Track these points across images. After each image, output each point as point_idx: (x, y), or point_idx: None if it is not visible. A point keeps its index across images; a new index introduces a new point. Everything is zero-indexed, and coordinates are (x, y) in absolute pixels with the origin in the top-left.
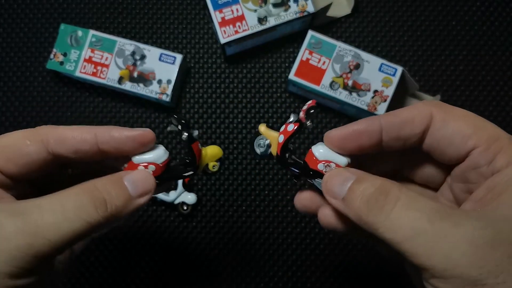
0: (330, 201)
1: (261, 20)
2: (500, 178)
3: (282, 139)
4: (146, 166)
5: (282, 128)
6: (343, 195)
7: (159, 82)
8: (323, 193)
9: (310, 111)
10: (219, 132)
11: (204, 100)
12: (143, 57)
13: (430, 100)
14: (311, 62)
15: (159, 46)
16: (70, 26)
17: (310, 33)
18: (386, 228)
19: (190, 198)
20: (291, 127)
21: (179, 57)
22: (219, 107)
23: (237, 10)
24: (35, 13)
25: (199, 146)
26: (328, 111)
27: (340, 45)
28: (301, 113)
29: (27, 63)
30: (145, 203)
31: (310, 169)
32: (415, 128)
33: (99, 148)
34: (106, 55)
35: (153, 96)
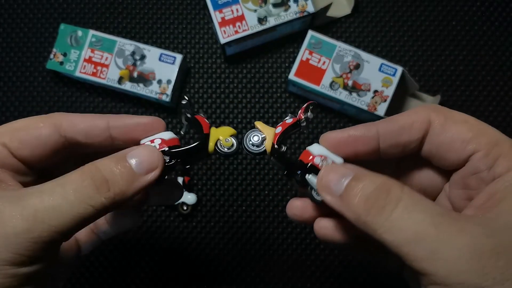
0: (325, 198)
1: (261, 20)
2: (500, 184)
3: (279, 130)
4: (152, 141)
5: (280, 123)
6: (340, 192)
7: (159, 82)
8: (317, 190)
9: (309, 107)
10: None
11: (204, 100)
12: (143, 57)
13: (430, 100)
14: (311, 62)
15: (159, 46)
16: (70, 26)
17: (310, 33)
18: (386, 230)
19: (190, 198)
20: (290, 121)
21: (179, 57)
22: (219, 107)
23: (237, 10)
24: (35, 13)
25: (205, 120)
26: (328, 111)
27: (340, 45)
28: (299, 111)
29: (27, 63)
30: (152, 181)
31: (305, 164)
32: (413, 134)
33: (110, 133)
34: (106, 55)
35: (153, 96)
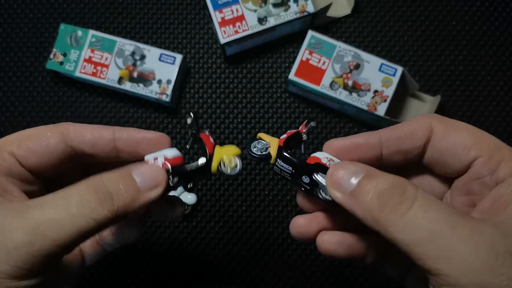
0: (334, 195)
1: (261, 20)
2: (505, 188)
3: (284, 136)
4: (156, 159)
5: (283, 136)
6: (351, 189)
7: (159, 82)
8: (327, 187)
9: (309, 122)
10: (219, 132)
11: (204, 100)
12: (143, 57)
13: (430, 100)
14: (311, 62)
15: (159, 46)
16: (70, 26)
17: (310, 33)
18: (399, 228)
19: (190, 198)
20: (293, 131)
21: (179, 57)
22: (219, 107)
23: (237, 10)
24: (35, 13)
25: (210, 139)
26: (328, 111)
27: (340, 45)
28: (300, 127)
29: (27, 63)
30: (156, 198)
31: (311, 165)
32: (416, 141)
33: (115, 145)
34: (106, 55)
35: (153, 96)
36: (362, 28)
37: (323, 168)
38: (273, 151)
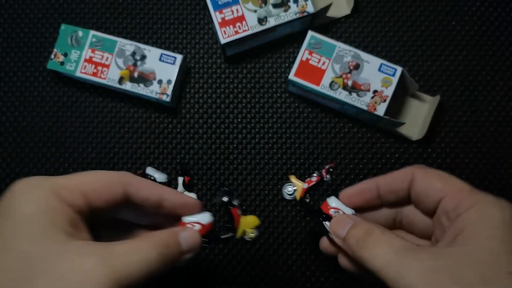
0: (334, 239)
1: (261, 20)
2: (461, 219)
3: (306, 186)
4: (192, 224)
5: (307, 179)
6: (343, 235)
7: (160, 82)
8: (330, 233)
9: (330, 169)
10: (219, 132)
11: (204, 100)
12: (144, 57)
13: (430, 100)
14: (311, 62)
15: (159, 47)
16: (71, 27)
17: (310, 33)
18: (369, 260)
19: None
20: (314, 179)
21: (179, 57)
22: (219, 107)
23: (237, 10)
24: (36, 13)
25: (238, 212)
26: (328, 111)
27: (340, 45)
28: (322, 170)
29: (27, 63)
30: (187, 260)
31: (323, 213)
32: (402, 184)
33: (161, 204)
34: (106, 55)
35: (153, 96)
36: (361, 28)
37: (329, 218)
38: (297, 195)
